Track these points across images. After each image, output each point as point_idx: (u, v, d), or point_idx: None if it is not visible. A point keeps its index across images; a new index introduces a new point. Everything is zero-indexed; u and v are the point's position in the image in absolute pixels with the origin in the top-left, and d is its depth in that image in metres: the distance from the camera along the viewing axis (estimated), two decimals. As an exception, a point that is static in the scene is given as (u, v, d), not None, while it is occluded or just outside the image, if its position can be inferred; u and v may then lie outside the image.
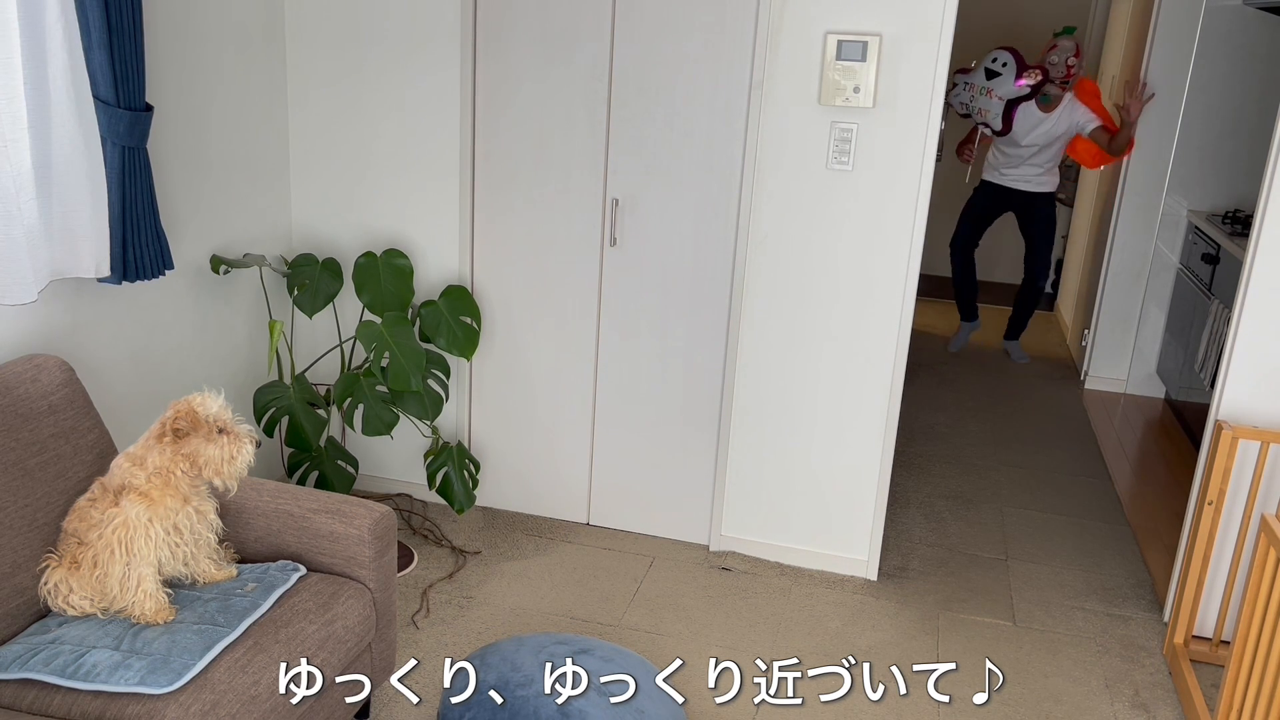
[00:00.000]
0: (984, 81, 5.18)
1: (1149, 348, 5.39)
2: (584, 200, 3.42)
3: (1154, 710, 2.91)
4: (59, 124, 2.47)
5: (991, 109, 5.17)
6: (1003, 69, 5.11)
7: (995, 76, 5.14)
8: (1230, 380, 3.07)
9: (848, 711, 2.83)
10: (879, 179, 3.16)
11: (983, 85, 5.19)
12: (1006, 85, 5.10)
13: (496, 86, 3.39)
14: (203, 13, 3.10)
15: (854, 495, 3.44)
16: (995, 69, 5.14)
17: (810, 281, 3.30)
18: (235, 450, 2.26)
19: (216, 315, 3.33)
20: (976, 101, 5.23)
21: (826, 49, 3.09)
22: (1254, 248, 2.98)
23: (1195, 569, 3.06)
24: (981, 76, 5.20)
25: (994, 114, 5.17)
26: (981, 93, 5.20)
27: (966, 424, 4.88)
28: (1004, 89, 5.11)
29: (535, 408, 3.66)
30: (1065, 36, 5.09)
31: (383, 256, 3.34)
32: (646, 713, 2.36)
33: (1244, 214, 4.82)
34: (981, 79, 5.19)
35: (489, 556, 3.50)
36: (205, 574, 2.33)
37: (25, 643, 2.10)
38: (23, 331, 2.58)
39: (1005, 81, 5.10)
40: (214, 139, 3.22)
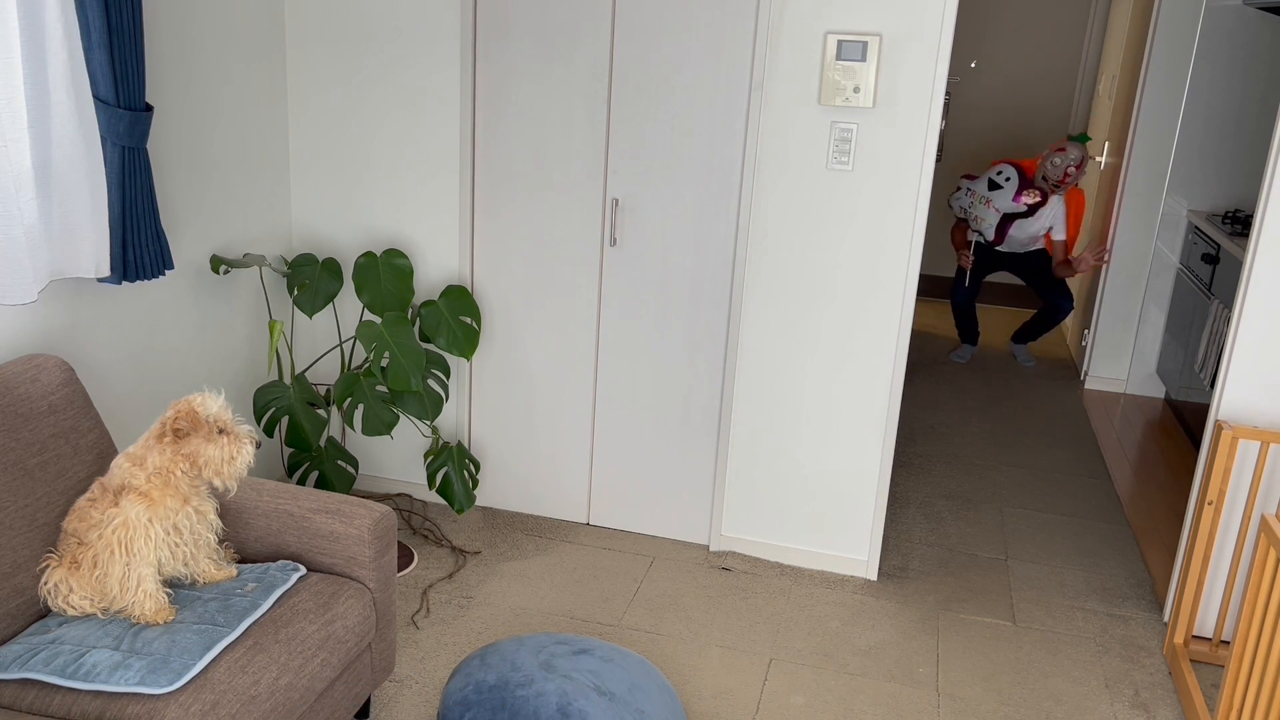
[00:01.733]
0: (985, 191, 5.35)
1: (1149, 348, 5.39)
2: (584, 200, 3.42)
3: (1154, 710, 2.91)
4: (59, 124, 2.47)
5: (987, 219, 5.35)
6: (1005, 183, 5.29)
7: (997, 189, 5.31)
8: (1230, 380, 3.07)
9: (848, 711, 2.83)
10: (879, 179, 3.16)
11: (983, 195, 5.35)
12: (1005, 200, 5.27)
13: (496, 86, 3.40)
14: (203, 13, 3.10)
15: (854, 495, 3.44)
16: (998, 181, 5.32)
17: (810, 281, 3.30)
18: (235, 450, 2.26)
19: (216, 315, 3.33)
20: (975, 209, 5.39)
21: (826, 49, 3.09)
22: (1254, 248, 2.98)
23: (1195, 569, 3.06)
24: (984, 185, 5.36)
25: (988, 224, 5.36)
26: (980, 201, 5.36)
27: (966, 424, 4.88)
28: (1002, 202, 5.28)
29: (535, 408, 3.66)
30: (1075, 144, 5.19)
31: (383, 256, 3.34)
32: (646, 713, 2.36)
33: (1244, 214, 4.82)
34: (984, 188, 5.36)
35: (489, 556, 3.50)
36: (205, 574, 2.33)
37: (25, 643, 2.10)
38: (23, 331, 2.58)
39: (1005, 196, 5.28)
40: (214, 139, 3.22)
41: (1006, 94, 7.16)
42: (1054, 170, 5.17)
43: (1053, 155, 5.18)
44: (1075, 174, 5.17)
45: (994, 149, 7.25)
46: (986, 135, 7.25)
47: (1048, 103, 7.11)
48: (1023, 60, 7.08)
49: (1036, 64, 7.07)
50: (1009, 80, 7.14)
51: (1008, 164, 5.33)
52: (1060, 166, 5.15)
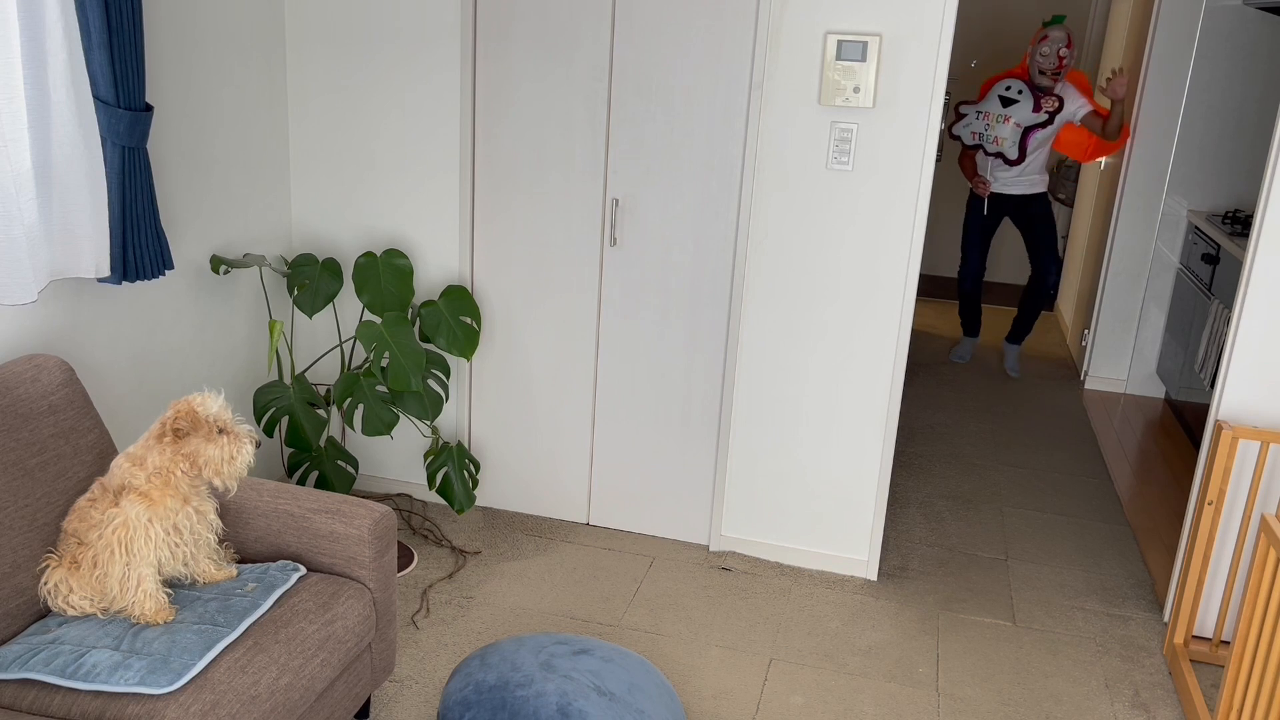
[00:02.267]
0: (1000, 109, 5.12)
1: (1149, 348, 5.39)
2: (584, 200, 3.42)
3: (1154, 710, 2.91)
4: (59, 124, 2.47)
5: (1008, 137, 5.10)
6: (1019, 95, 5.06)
7: (1012, 104, 5.08)
8: (1230, 380, 3.07)
9: (848, 711, 2.83)
10: (879, 179, 3.16)
11: (999, 113, 5.12)
12: (1025, 111, 5.04)
13: (497, 86, 3.40)
14: (203, 13, 3.10)
15: (854, 495, 3.44)
16: (1011, 96, 5.09)
17: (810, 281, 3.30)
18: (235, 451, 2.26)
19: (216, 315, 3.33)
20: (992, 130, 5.14)
21: (826, 49, 3.09)
22: (1254, 248, 2.98)
23: (1195, 569, 3.06)
24: (996, 104, 5.14)
25: (1010, 142, 5.11)
26: (999, 120, 5.12)
27: (966, 424, 4.88)
28: (1022, 115, 5.05)
29: (535, 408, 3.66)
30: (1055, 26, 4.98)
31: (383, 256, 3.34)
32: (646, 713, 2.35)
33: (1244, 214, 4.82)
34: (997, 106, 5.13)
35: (489, 556, 3.50)
36: (205, 574, 2.33)
37: (25, 643, 2.10)
38: (23, 331, 2.58)
39: (1023, 108, 5.05)
40: (214, 139, 3.22)
41: (1006, 94, 7.15)
42: (1046, 60, 4.95)
43: (1039, 46, 4.96)
44: (1069, 54, 4.95)
45: (994, 149, 7.23)
46: (986, 135, 7.24)
47: (1048, 103, 7.10)
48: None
49: (1036, 64, 7.05)
50: (1009, 80, 7.12)
51: (1009, 78, 5.09)
52: (1051, 54, 4.93)
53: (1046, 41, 4.95)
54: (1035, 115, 5.02)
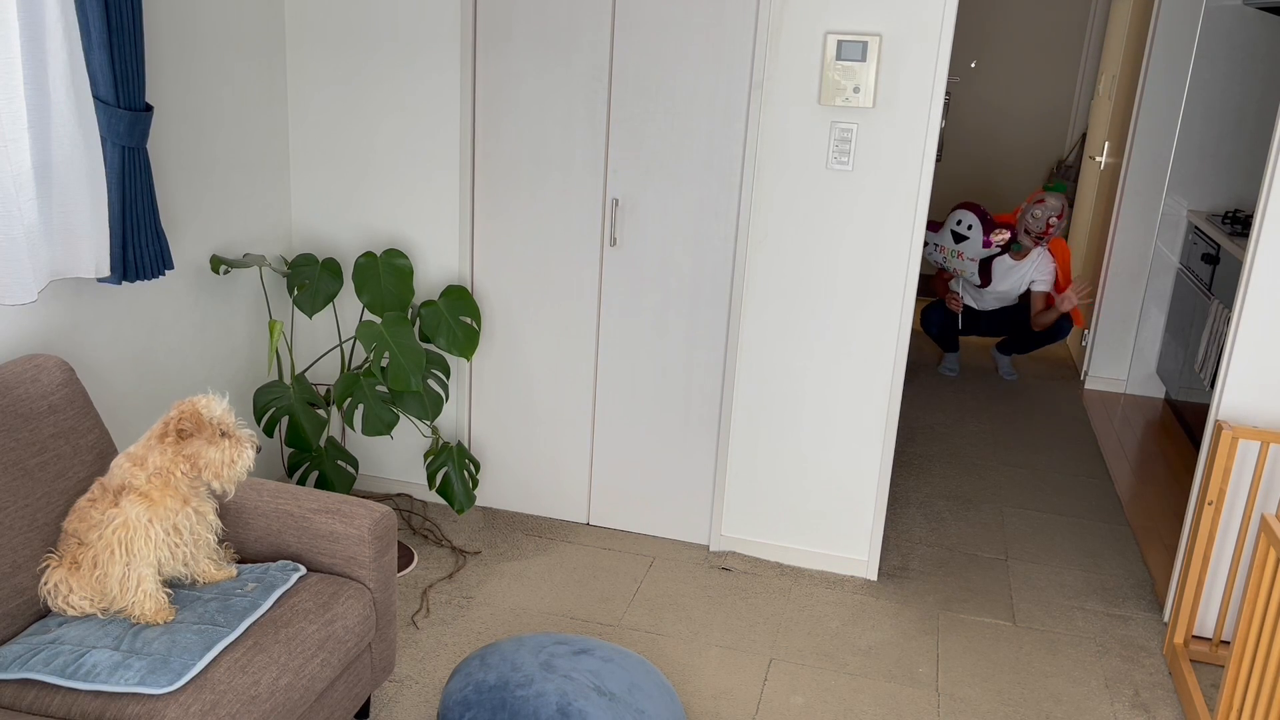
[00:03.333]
0: (952, 245, 5.22)
1: (1149, 348, 5.39)
2: (584, 200, 3.42)
3: (1154, 710, 2.91)
4: (59, 124, 2.47)
5: (966, 269, 5.23)
6: (969, 232, 5.15)
7: (963, 240, 5.18)
8: (1230, 380, 3.07)
9: (848, 711, 2.83)
10: (879, 179, 3.16)
11: (952, 249, 5.23)
12: (975, 247, 5.15)
13: (496, 86, 3.40)
14: (203, 13, 3.10)
15: (854, 495, 3.44)
16: (961, 232, 5.17)
17: (810, 281, 3.30)
18: (236, 454, 2.26)
19: (216, 315, 3.33)
20: (950, 263, 5.28)
21: (826, 49, 3.09)
22: (1254, 248, 2.98)
23: (1195, 569, 3.06)
24: (949, 239, 5.22)
25: (970, 272, 5.23)
26: (952, 255, 5.25)
27: (966, 424, 4.88)
28: (973, 250, 5.16)
29: (535, 408, 3.66)
30: (1054, 194, 5.11)
31: (383, 256, 3.34)
32: (646, 713, 2.35)
33: (1244, 214, 4.82)
34: (950, 241, 5.22)
35: (489, 556, 3.50)
36: (205, 574, 2.33)
37: (25, 643, 2.10)
38: (23, 331, 2.58)
39: (974, 244, 5.15)
40: (214, 139, 3.22)
41: (1006, 94, 7.17)
42: (1035, 223, 5.10)
43: (1032, 208, 5.11)
44: (1057, 224, 5.10)
45: (994, 148, 7.25)
46: (986, 135, 7.25)
47: (1048, 102, 7.11)
48: (1023, 60, 7.08)
49: (1036, 64, 7.07)
50: (1009, 80, 7.14)
51: (964, 209, 5.18)
52: (1041, 218, 5.08)
53: (1040, 205, 5.08)
54: (986, 250, 5.14)
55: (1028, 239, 5.13)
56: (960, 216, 5.18)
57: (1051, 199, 5.08)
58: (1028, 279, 5.24)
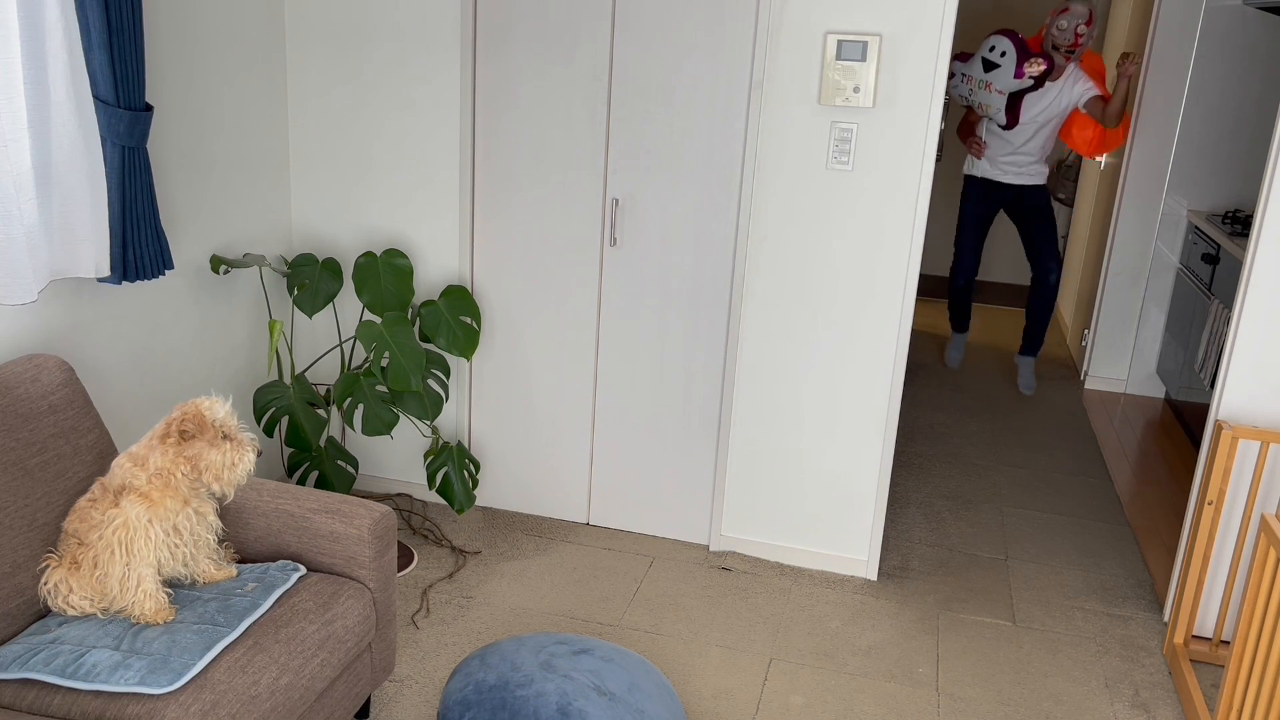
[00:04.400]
0: (981, 74, 4.71)
1: (1149, 348, 5.39)
2: (584, 200, 3.42)
3: (1154, 710, 2.91)
4: (59, 124, 2.47)
5: (993, 104, 4.73)
6: (1001, 59, 4.63)
7: (994, 68, 4.66)
8: (1230, 380, 3.07)
9: (848, 711, 2.83)
10: (879, 179, 3.16)
11: (980, 78, 4.72)
12: (1006, 78, 4.64)
13: (497, 86, 3.40)
14: (203, 13, 3.10)
15: (854, 495, 3.44)
16: (993, 59, 4.66)
17: (810, 281, 3.30)
18: (237, 458, 2.26)
19: (216, 315, 3.33)
20: (976, 95, 4.79)
21: (826, 49, 3.09)
22: (1254, 248, 2.98)
23: (1195, 569, 3.06)
24: (979, 68, 4.73)
25: (996, 108, 4.74)
26: (980, 86, 4.74)
27: (966, 424, 4.88)
28: (1003, 82, 4.65)
29: (535, 408, 3.66)
30: (1079, 1, 4.63)
31: (383, 256, 3.34)
32: (646, 713, 2.35)
33: (1244, 214, 4.82)
34: (979, 71, 4.72)
35: (489, 556, 3.50)
36: (205, 574, 2.33)
37: (25, 643, 2.10)
38: (23, 331, 2.58)
39: (1005, 74, 4.64)
40: (214, 139, 3.22)
41: (1006, 94, 7.15)
42: (1062, 35, 4.62)
43: (1057, 19, 4.62)
44: (1087, 32, 4.61)
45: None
46: (986, 135, 7.24)
47: (1048, 103, 7.10)
48: (1023, 60, 7.06)
49: (1036, 64, 7.05)
50: (1009, 80, 7.12)
51: (1000, 35, 4.66)
52: (1068, 29, 4.60)
53: (1065, 15, 4.62)
54: (1018, 81, 4.63)
55: (1057, 55, 4.67)
56: (994, 42, 4.68)
57: (1076, 5, 4.62)
58: (1065, 100, 4.75)
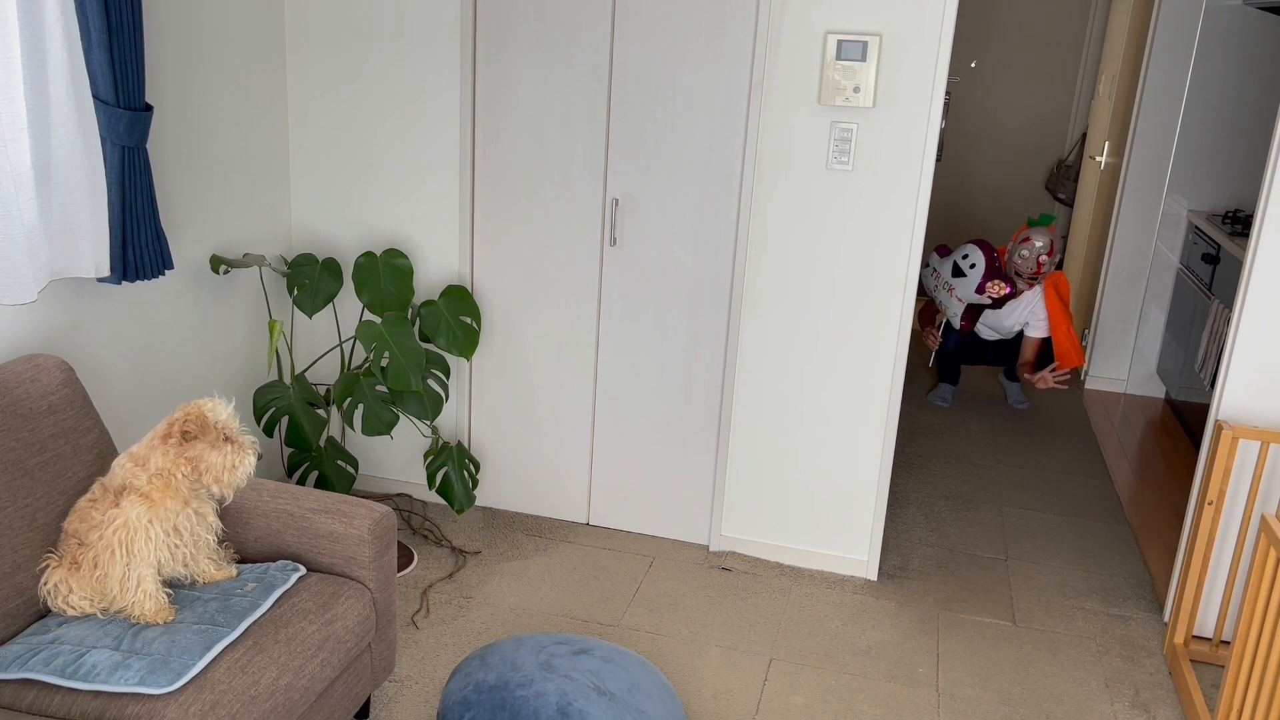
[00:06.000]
0: (949, 278, 4.85)
1: (1149, 348, 5.39)
2: (584, 200, 3.42)
3: (1154, 710, 2.91)
4: (59, 124, 2.47)
5: (950, 308, 4.87)
6: (969, 270, 4.76)
7: (960, 275, 4.79)
8: (1230, 380, 3.07)
9: (848, 711, 2.83)
10: (879, 179, 3.16)
11: (947, 281, 4.86)
12: (968, 289, 4.76)
13: (496, 86, 3.40)
14: (203, 13, 3.10)
15: (854, 495, 3.44)
16: (963, 268, 4.79)
17: (810, 281, 3.30)
18: (237, 460, 2.26)
19: (216, 315, 3.33)
20: (939, 294, 4.94)
21: (826, 49, 3.09)
22: (1254, 248, 2.98)
23: (1195, 569, 3.06)
24: (949, 270, 4.86)
25: (953, 313, 4.88)
26: (944, 288, 4.89)
27: (966, 424, 4.88)
28: (964, 291, 4.78)
29: (535, 408, 3.66)
30: (1039, 229, 4.72)
31: (383, 256, 3.34)
32: (646, 713, 2.35)
33: (1244, 214, 4.82)
34: (948, 273, 4.86)
35: (489, 556, 3.50)
36: (205, 574, 2.33)
37: (25, 643, 2.10)
38: (23, 331, 2.58)
39: (968, 285, 4.76)
40: (214, 139, 3.22)
41: (1006, 94, 7.16)
42: (1024, 263, 4.70)
43: (1019, 248, 4.71)
44: (1049, 261, 4.71)
45: (994, 148, 7.25)
46: (986, 135, 7.25)
47: (1048, 102, 7.11)
48: (1023, 60, 7.08)
49: (1036, 64, 7.07)
50: (1009, 80, 7.14)
51: (975, 246, 4.79)
52: (1030, 258, 4.69)
53: (1027, 245, 4.70)
54: (978, 297, 4.74)
55: (1020, 281, 4.74)
56: (968, 251, 4.81)
57: (1038, 236, 4.69)
58: (1020, 319, 4.87)
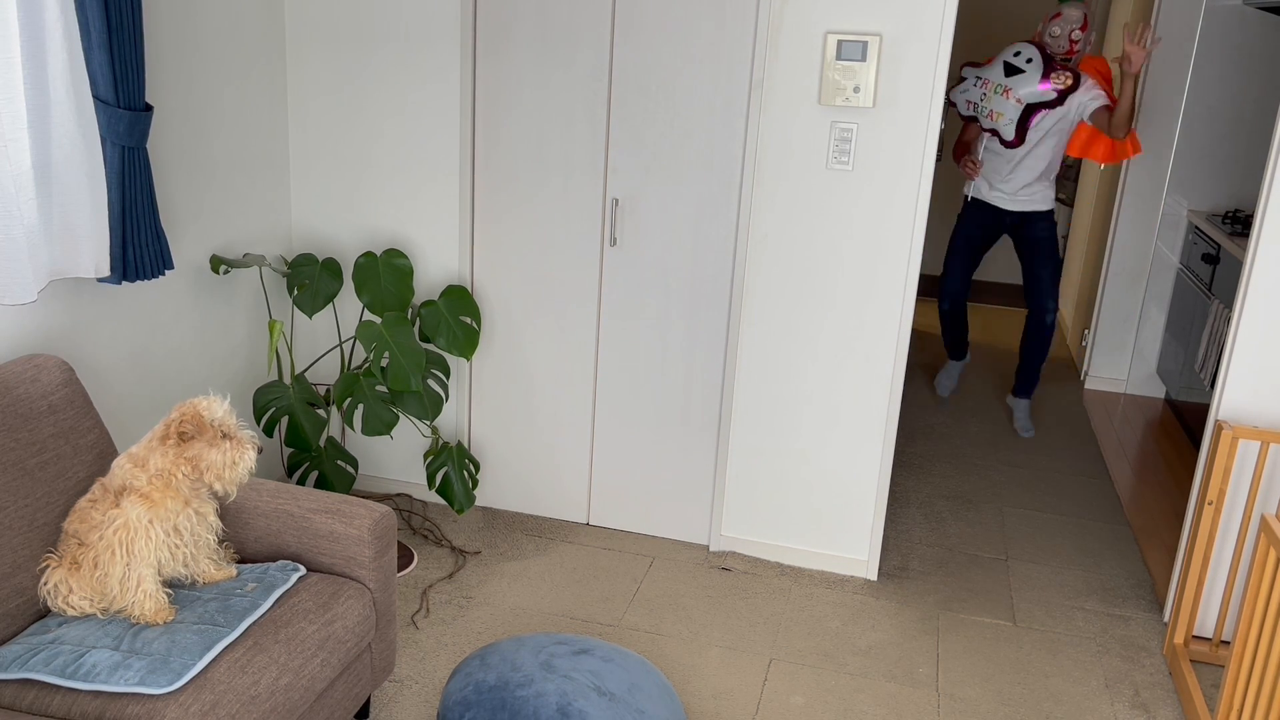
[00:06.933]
0: (1002, 79, 4.30)
1: (1149, 348, 5.39)
2: (584, 200, 3.42)
3: (1154, 710, 2.91)
4: (59, 124, 2.47)
5: (1006, 112, 4.29)
6: (1026, 65, 4.25)
7: (1016, 73, 4.27)
8: (1230, 380, 3.07)
9: (848, 711, 2.83)
10: (879, 179, 3.16)
11: (999, 83, 4.30)
12: (1029, 86, 4.24)
13: (497, 86, 3.39)
14: (203, 13, 3.10)
15: (854, 495, 3.44)
16: (1018, 64, 4.27)
17: (810, 281, 3.30)
18: (237, 456, 2.26)
19: (216, 315, 3.33)
20: (989, 101, 4.34)
21: (826, 49, 3.09)
22: (1254, 248, 2.98)
23: (1195, 569, 3.06)
24: (999, 72, 4.32)
25: (1007, 119, 4.30)
26: (997, 91, 4.30)
27: (966, 424, 4.88)
28: (1025, 90, 4.24)
29: (535, 408, 3.66)
30: (1072, 5, 4.27)
31: (383, 256, 3.34)
32: (646, 713, 2.35)
33: (1244, 214, 4.82)
34: (999, 75, 4.31)
35: (489, 556, 3.50)
36: (205, 574, 2.33)
37: (25, 643, 2.10)
38: (23, 331, 2.58)
39: (1028, 81, 4.24)
40: (214, 139, 3.22)
41: (1006, 94, 7.15)
42: (1056, 42, 4.26)
43: (1049, 26, 4.27)
44: (1083, 38, 4.25)
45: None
46: (986, 135, 7.24)
47: (1048, 103, 7.10)
48: (1023, 60, 7.07)
49: (1036, 64, 7.05)
50: (1009, 80, 7.13)
51: (1027, 43, 4.29)
52: (1062, 36, 4.25)
53: (1058, 20, 4.26)
54: (1042, 91, 4.22)
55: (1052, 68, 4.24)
56: (1020, 48, 4.30)
57: (1069, 10, 4.25)
58: (1071, 113, 4.30)
